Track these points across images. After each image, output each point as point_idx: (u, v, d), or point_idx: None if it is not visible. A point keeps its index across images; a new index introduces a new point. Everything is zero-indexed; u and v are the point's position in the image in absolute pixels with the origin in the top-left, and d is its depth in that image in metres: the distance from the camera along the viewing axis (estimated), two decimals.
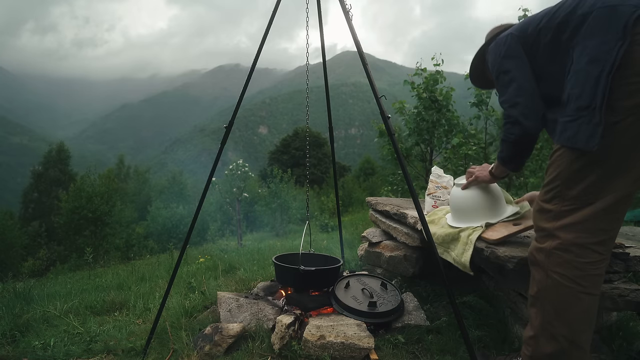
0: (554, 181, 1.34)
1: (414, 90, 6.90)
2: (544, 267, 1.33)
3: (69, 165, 40.36)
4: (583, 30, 1.28)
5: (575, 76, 1.28)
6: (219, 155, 2.17)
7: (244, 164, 14.37)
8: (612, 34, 1.20)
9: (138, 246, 20.94)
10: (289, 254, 2.58)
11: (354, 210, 17.58)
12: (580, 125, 1.23)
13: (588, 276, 1.28)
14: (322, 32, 2.57)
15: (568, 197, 1.30)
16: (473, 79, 1.96)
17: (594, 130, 1.20)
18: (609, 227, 1.29)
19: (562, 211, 1.31)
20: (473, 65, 1.88)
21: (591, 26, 1.26)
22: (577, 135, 1.24)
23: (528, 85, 1.50)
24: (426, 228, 1.77)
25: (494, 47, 1.62)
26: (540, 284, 1.34)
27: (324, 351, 1.78)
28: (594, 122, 1.20)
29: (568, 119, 1.28)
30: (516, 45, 1.53)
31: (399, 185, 7.64)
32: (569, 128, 1.28)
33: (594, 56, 1.22)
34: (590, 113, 1.21)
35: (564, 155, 1.32)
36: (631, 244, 1.74)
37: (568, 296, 1.29)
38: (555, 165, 1.34)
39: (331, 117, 2.92)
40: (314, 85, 5.67)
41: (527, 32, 1.50)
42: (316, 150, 38.97)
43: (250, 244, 9.31)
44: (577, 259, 1.28)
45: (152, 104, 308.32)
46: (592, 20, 1.26)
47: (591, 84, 1.21)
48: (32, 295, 3.23)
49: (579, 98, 1.25)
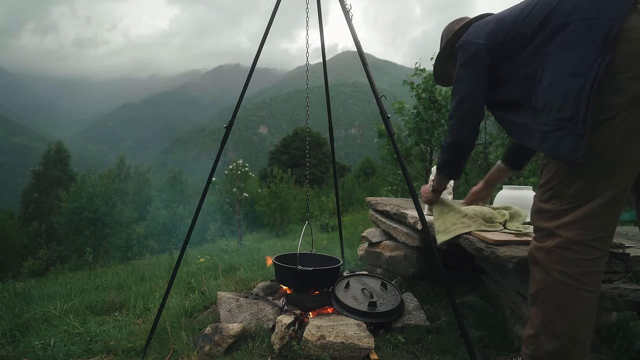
0: (551, 181, 1.34)
1: (414, 91, 6.90)
2: (544, 265, 1.33)
3: (69, 165, 40.39)
4: (559, 40, 1.29)
5: (556, 86, 1.29)
6: (219, 155, 2.17)
7: (244, 164, 14.37)
8: (591, 47, 1.21)
9: (138, 246, 20.96)
10: (289, 254, 2.57)
11: (354, 210, 17.59)
12: (563, 137, 1.25)
13: (588, 273, 1.28)
14: (322, 32, 2.57)
15: (566, 196, 1.30)
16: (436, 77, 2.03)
17: (578, 141, 1.21)
18: (607, 223, 1.29)
19: (561, 210, 1.31)
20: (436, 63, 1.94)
21: (569, 37, 1.27)
22: (560, 146, 1.26)
23: (471, 100, 1.61)
24: (426, 228, 1.77)
25: (460, 49, 1.64)
26: (541, 283, 1.34)
27: (324, 351, 1.78)
28: (578, 133, 1.21)
29: (548, 128, 1.30)
30: (480, 56, 1.55)
31: (399, 185, 7.65)
32: (550, 138, 1.29)
33: (575, 70, 1.24)
34: (574, 125, 1.22)
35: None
36: (631, 244, 1.74)
37: (569, 294, 1.29)
38: (551, 166, 1.35)
39: (331, 117, 2.92)
40: (314, 85, 5.67)
41: (497, 42, 1.51)
42: (316, 150, 38.99)
43: (250, 244, 9.32)
44: (577, 257, 1.28)
45: (152, 104, 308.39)
46: (569, 32, 1.26)
47: (573, 97, 1.23)
48: (32, 295, 3.23)
49: (561, 109, 1.26)
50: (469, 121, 1.65)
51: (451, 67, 1.80)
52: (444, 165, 1.81)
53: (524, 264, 1.55)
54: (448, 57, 1.85)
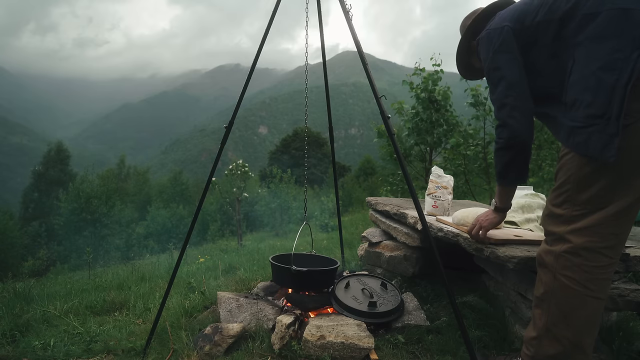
0: (564, 185, 1.31)
1: (413, 91, 6.90)
2: (552, 269, 1.31)
3: (69, 165, 40.37)
4: (589, 31, 1.22)
5: (584, 81, 1.23)
6: (219, 155, 2.17)
7: (244, 164, 14.36)
8: (626, 40, 1.14)
9: (138, 246, 20.95)
10: (288, 254, 2.57)
11: (354, 210, 17.56)
12: (592, 134, 1.19)
13: (596, 280, 1.26)
14: (322, 32, 2.57)
15: (579, 201, 1.27)
16: (461, 71, 1.88)
17: (610, 140, 1.15)
18: (619, 231, 1.26)
19: (573, 215, 1.28)
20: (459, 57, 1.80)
21: (600, 28, 1.20)
22: (589, 143, 1.20)
23: (518, 84, 1.42)
24: (426, 228, 1.77)
25: (486, 39, 1.52)
26: (547, 286, 1.32)
27: (324, 351, 1.78)
28: (609, 132, 1.16)
29: (577, 124, 1.24)
30: (510, 39, 1.43)
31: (399, 185, 7.64)
32: (577, 134, 1.24)
33: (608, 63, 1.17)
34: (605, 122, 1.16)
35: (574, 159, 1.28)
36: (631, 244, 1.74)
37: (574, 299, 1.27)
38: (565, 169, 1.31)
39: (331, 117, 2.92)
40: (314, 85, 5.67)
41: (524, 25, 1.41)
42: (316, 150, 38.97)
43: (250, 244, 9.31)
44: (586, 263, 1.25)
45: (152, 104, 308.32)
46: (600, 21, 1.19)
47: (605, 93, 1.16)
48: (32, 295, 3.23)
49: (590, 105, 1.20)
50: (522, 108, 1.42)
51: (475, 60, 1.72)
52: (506, 170, 1.50)
53: (524, 264, 1.55)
54: (468, 51, 1.75)
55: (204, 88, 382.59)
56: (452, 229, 2.01)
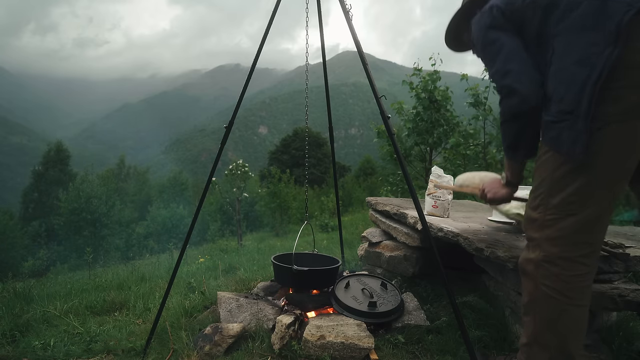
0: (539, 188, 1.29)
1: (413, 91, 6.90)
2: (533, 278, 1.30)
3: (68, 165, 40.37)
4: (569, 21, 1.17)
5: (560, 73, 1.19)
6: (219, 155, 2.17)
7: (244, 164, 14.36)
8: (601, 34, 1.10)
9: (138, 246, 20.97)
10: (289, 253, 2.57)
11: (354, 210, 17.57)
12: (563, 129, 1.17)
13: (575, 288, 1.24)
14: (322, 32, 2.57)
15: (550, 205, 1.25)
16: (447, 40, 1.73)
17: (577, 136, 1.13)
18: (592, 239, 1.24)
19: (546, 220, 1.26)
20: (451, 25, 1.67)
21: (579, 18, 1.14)
22: (560, 138, 1.18)
23: (519, 51, 1.30)
24: (426, 228, 1.77)
25: (478, 19, 1.43)
26: (531, 295, 1.31)
27: (324, 351, 1.78)
28: (577, 128, 1.13)
29: (550, 118, 1.22)
30: (500, 18, 1.34)
31: (399, 185, 7.64)
32: (551, 129, 1.21)
33: (582, 57, 1.12)
34: (574, 119, 1.14)
35: (549, 161, 1.26)
36: (631, 244, 1.74)
37: (557, 308, 1.26)
38: (541, 171, 1.29)
39: (331, 117, 2.92)
40: (314, 85, 5.67)
41: (515, 6, 1.31)
42: (316, 150, 38.95)
43: (250, 244, 9.33)
44: (563, 272, 1.24)
45: (152, 104, 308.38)
46: (581, 11, 1.13)
47: (576, 89, 1.12)
48: (32, 295, 3.23)
49: (561, 101, 1.17)
50: (529, 73, 1.28)
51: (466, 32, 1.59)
52: (515, 141, 1.36)
53: None
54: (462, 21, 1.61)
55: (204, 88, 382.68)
56: (452, 229, 2.01)
